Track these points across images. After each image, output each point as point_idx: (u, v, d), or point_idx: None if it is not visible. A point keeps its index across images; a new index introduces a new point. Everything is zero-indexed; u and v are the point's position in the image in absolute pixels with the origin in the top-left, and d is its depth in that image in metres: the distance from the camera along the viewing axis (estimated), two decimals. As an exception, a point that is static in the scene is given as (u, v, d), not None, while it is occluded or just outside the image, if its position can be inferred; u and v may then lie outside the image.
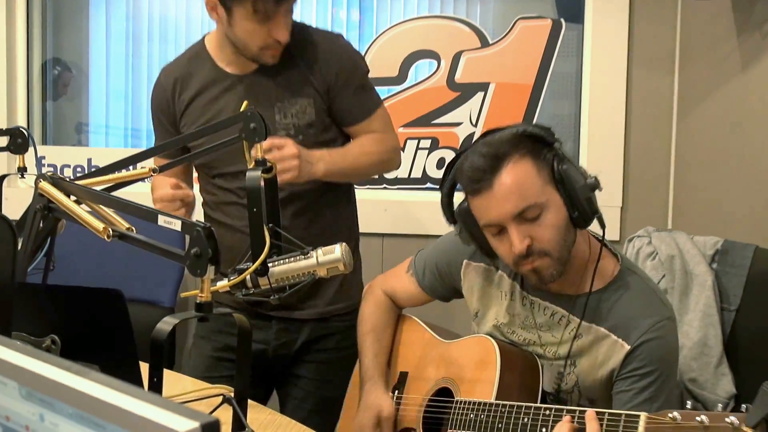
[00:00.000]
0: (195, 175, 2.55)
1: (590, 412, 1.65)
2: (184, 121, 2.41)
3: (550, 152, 1.84)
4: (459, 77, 3.37)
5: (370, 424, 2.07)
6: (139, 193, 1.88)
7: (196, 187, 2.51)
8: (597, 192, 1.86)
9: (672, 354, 1.92)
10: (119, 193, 1.67)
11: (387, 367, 2.20)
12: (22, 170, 2.02)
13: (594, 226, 1.90)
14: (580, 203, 1.82)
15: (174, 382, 2.13)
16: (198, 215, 2.42)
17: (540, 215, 1.82)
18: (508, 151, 1.82)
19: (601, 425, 1.64)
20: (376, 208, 3.25)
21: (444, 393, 2.02)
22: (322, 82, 2.34)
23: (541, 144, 1.85)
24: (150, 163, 2.02)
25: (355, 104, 2.39)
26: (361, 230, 2.56)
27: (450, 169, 1.94)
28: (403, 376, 2.16)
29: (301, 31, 2.37)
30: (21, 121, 3.51)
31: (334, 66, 2.35)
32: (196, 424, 0.65)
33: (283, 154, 2.14)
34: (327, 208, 2.41)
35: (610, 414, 1.65)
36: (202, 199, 2.49)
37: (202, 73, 2.40)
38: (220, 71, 2.38)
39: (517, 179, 1.81)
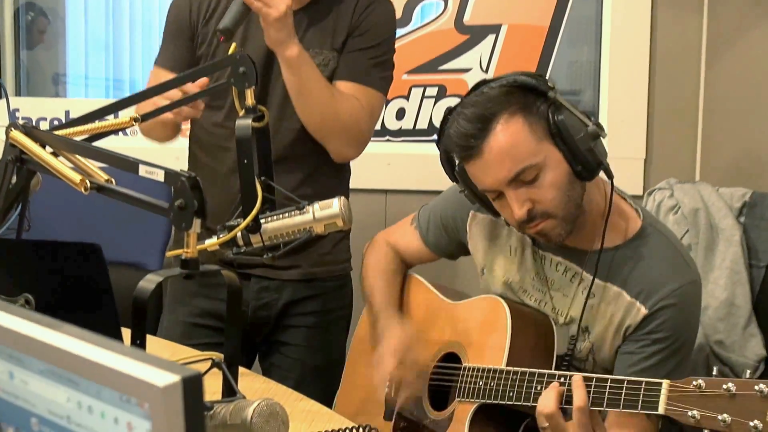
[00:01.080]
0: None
1: (577, 378, 1.68)
2: (203, 50, 2.40)
3: (545, 103, 1.81)
4: (468, 19, 3.34)
5: (391, 360, 2.02)
6: (120, 149, 1.87)
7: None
8: (619, 142, 1.84)
9: (692, 323, 1.92)
10: (99, 145, 1.66)
11: (400, 312, 2.19)
12: (-7, 121, 2.01)
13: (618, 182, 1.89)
14: (582, 155, 1.79)
15: (160, 349, 2.15)
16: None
17: (538, 176, 1.80)
18: (495, 111, 1.80)
19: (620, 392, 1.65)
20: (378, 162, 3.24)
21: (451, 358, 2.03)
22: (345, 35, 2.34)
23: (533, 95, 1.82)
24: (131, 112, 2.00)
25: (353, 62, 2.35)
26: (362, 186, 2.56)
27: (444, 125, 1.93)
28: (408, 340, 2.16)
29: None
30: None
31: (363, 21, 2.34)
32: (176, 378, 0.66)
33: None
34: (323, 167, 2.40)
35: (629, 382, 1.66)
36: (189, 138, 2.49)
37: None
38: None
39: (507, 142, 1.79)
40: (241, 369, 1.66)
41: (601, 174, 1.85)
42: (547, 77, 1.90)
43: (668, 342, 1.85)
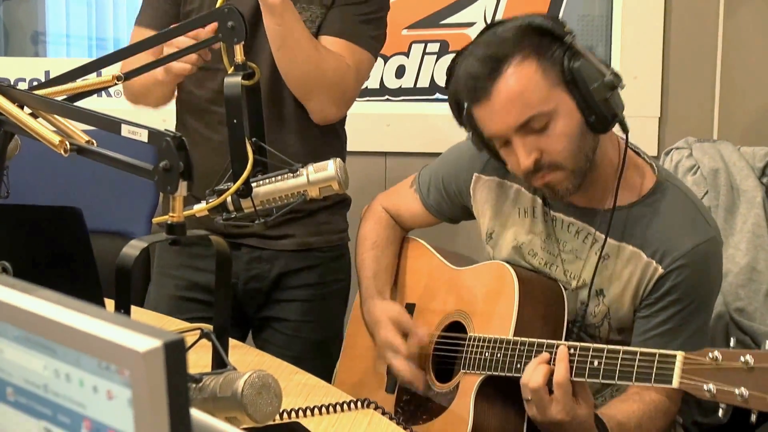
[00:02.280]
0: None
1: (562, 350, 1.71)
2: (189, 6, 2.38)
3: (561, 48, 1.81)
4: (471, -31, 3.33)
5: (392, 335, 2.05)
6: (103, 111, 1.86)
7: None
8: (633, 100, 1.84)
9: (712, 282, 1.92)
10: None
11: (390, 287, 2.20)
12: (-32, 82, 2.00)
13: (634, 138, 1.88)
14: (596, 106, 1.79)
15: (145, 320, 2.14)
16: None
17: (548, 124, 1.80)
18: (508, 53, 1.80)
19: (632, 364, 1.65)
20: (377, 122, 3.22)
21: (455, 328, 2.03)
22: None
23: (549, 39, 1.82)
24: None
25: (341, 17, 2.32)
26: (360, 148, 2.55)
27: (452, 68, 1.92)
28: (410, 308, 2.16)
29: None
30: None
31: None
32: (158, 343, 0.65)
33: None
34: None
35: (642, 354, 1.66)
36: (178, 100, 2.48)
37: None
38: None
39: (518, 86, 1.79)
40: (232, 341, 1.66)
41: (617, 128, 1.85)
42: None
43: (685, 303, 1.85)
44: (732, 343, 1.59)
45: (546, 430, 1.76)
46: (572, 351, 1.75)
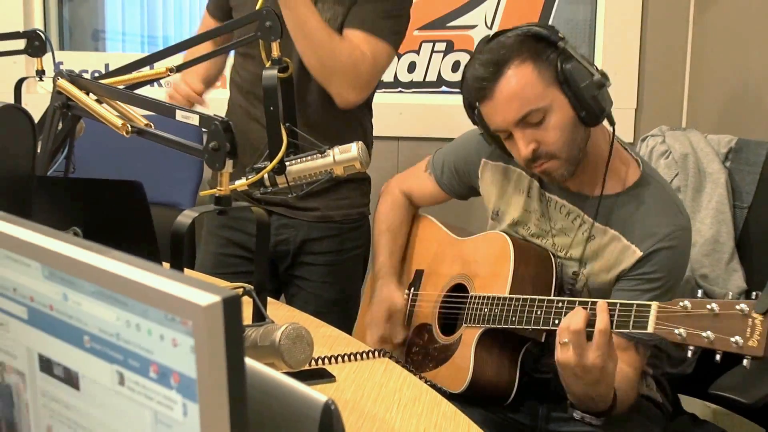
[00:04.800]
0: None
1: (602, 303, 1.65)
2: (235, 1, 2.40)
3: (554, 52, 1.80)
4: (475, -22, 3.31)
5: (381, 318, 2.09)
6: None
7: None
8: (612, 94, 1.83)
9: (682, 264, 1.92)
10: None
11: (402, 265, 2.21)
12: (40, 73, 2.00)
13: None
14: (586, 102, 1.79)
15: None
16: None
17: (544, 118, 1.80)
18: (507, 57, 1.79)
19: (613, 314, 1.64)
20: (391, 111, 3.22)
21: (459, 289, 2.03)
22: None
23: (544, 44, 1.81)
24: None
25: (360, 11, 2.26)
26: (376, 134, 2.53)
27: (464, 73, 1.92)
28: (419, 273, 2.16)
29: None
30: (38, 26, 3.47)
31: None
32: (217, 298, 0.65)
33: None
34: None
35: (621, 304, 1.66)
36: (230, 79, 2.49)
37: None
38: None
39: (516, 86, 1.79)
40: (268, 299, 1.66)
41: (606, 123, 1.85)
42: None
43: (661, 282, 1.85)
44: (699, 294, 1.59)
45: (573, 377, 1.67)
46: (560, 305, 1.75)
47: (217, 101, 2.44)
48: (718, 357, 1.53)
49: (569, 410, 1.79)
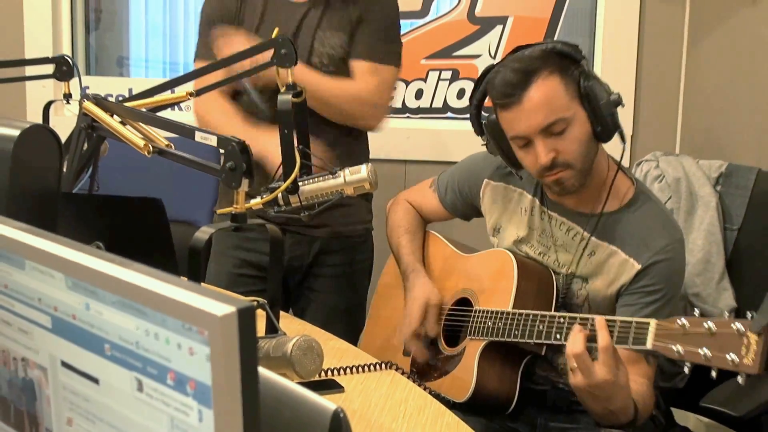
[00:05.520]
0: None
1: (600, 320, 1.63)
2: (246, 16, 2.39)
3: (577, 69, 1.81)
4: (479, 11, 3.31)
5: (417, 316, 2.03)
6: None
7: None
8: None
9: (679, 274, 1.91)
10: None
11: (422, 262, 2.19)
12: (67, 96, 2.01)
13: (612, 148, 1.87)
14: (604, 118, 1.79)
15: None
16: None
17: (565, 129, 1.80)
18: (538, 67, 1.79)
19: (613, 331, 1.63)
20: (399, 135, 3.21)
21: (464, 303, 2.02)
22: (358, 18, 2.31)
23: (568, 60, 1.82)
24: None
25: (363, 41, 2.33)
26: (384, 156, 2.55)
27: (480, 82, 1.91)
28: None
29: None
30: (66, 52, 3.48)
31: (374, 5, 2.33)
32: (233, 309, 0.65)
33: None
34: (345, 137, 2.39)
35: (621, 321, 1.64)
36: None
37: None
38: None
39: (545, 94, 1.78)
40: (280, 312, 1.65)
41: (607, 146, 1.86)
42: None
43: (661, 293, 1.84)
44: (696, 314, 1.58)
45: (591, 398, 1.66)
46: (561, 320, 1.74)
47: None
48: (714, 373, 1.51)
49: (597, 429, 1.77)
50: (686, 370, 1.56)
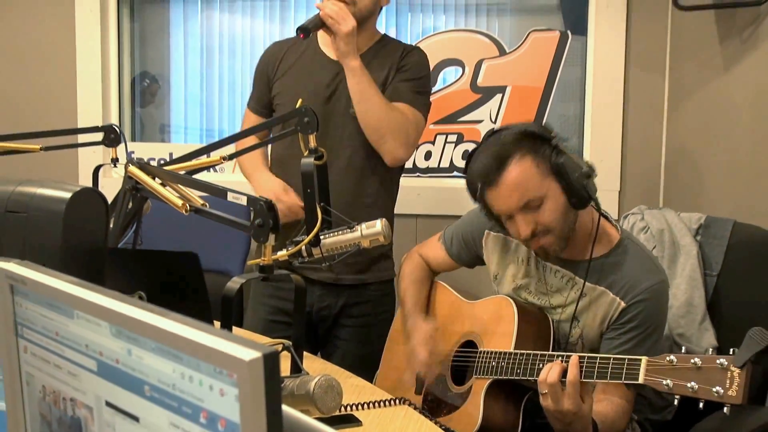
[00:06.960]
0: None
1: (573, 358, 1.66)
2: (277, 88, 2.44)
3: (549, 147, 1.80)
4: (480, 81, 3.34)
5: (422, 344, 2.04)
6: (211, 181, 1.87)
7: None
8: (597, 178, 1.83)
9: (661, 314, 1.90)
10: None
11: (425, 313, 2.18)
12: (114, 161, 2.03)
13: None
14: (576, 190, 1.79)
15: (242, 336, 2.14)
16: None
17: (541, 204, 1.80)
18: (510, 152, 1.80)
19: (607, 367, 1.63)
20: (410, 192, 3.22)
21: (469, 345, 2.01)
22: (394, 71, 2.34)
23: (540, 140, 1.81)
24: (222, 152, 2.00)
25: (401, 89, 2.34)
26: (397, 212, 2.55)
27: (469, 162, 1.92)
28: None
29: (388, 40, 2.40)
30: (114, 121, 3.52)
31: (405, 62, 2.36)
32: (258, 354, 0.65)
33: (345, 17, 2.20)
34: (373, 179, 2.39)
35: (615, 358, 1.64)
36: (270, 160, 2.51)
37: (305, 50, 2.43)
38: (318, 51, 2.40)
39: (518, 177, 1.79)
40: (305, 353, 1.65)
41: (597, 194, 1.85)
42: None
43: (642, 329, 1.83)
44: (684, 350, 1.57)
45: (554, 419, 1.70)
46: (564, 358, 1.73)
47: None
48: (701, 405, 1.50)
49: None
50: (675, 402, 1.55)
